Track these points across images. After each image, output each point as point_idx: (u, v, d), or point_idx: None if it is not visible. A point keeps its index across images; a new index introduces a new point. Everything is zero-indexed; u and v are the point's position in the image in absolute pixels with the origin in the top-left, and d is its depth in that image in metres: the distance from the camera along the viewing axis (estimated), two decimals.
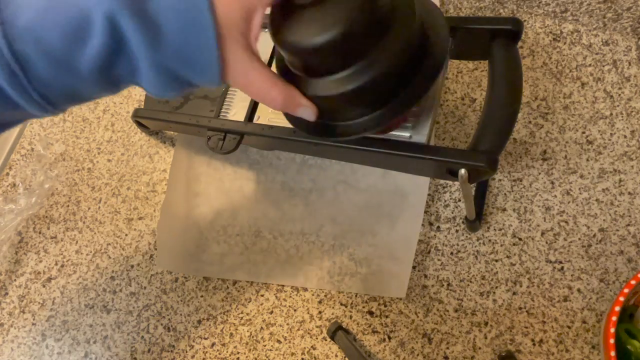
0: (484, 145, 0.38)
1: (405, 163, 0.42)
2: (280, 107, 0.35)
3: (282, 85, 0.34)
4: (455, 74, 0.57)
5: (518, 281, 0.49)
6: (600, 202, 0.50)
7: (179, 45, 0.30)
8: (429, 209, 0.53)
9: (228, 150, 0.48)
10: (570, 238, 0.49)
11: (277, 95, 0.34)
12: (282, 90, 0.34)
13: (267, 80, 0.33)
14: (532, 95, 0.54)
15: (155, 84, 0.32)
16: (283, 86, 0.34)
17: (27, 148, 0.66)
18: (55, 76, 0.30)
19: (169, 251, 0.57)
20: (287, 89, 0.34)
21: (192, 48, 0.30)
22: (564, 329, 0.46)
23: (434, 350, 0.48)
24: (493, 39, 0.42)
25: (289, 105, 0.35)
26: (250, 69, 0.32)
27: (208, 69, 0.31)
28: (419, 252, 0.51)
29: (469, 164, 0.38)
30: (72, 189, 0.63)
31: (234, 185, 0.58)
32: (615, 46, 0.55)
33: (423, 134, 0.41)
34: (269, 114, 0.48)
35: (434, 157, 0.39)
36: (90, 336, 0.55)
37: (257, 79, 0.33)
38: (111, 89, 0.33)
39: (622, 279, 0.47)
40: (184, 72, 0.31)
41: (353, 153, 0.44)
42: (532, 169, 0.52)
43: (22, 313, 0.58)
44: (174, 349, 0.53)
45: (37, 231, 0.61)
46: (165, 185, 0.60)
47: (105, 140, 0.65)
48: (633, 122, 0.52)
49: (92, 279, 0.58)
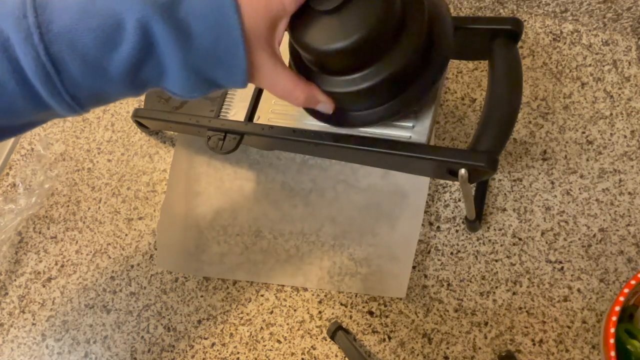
0: (484, 145, 0.38)
1: (406, 163, 0.42)
2: (302, 105, 0.38)
3: (304, 85, 0.37)
4: (455, 74, 0.57)
5: (518, 281, 0.49)
6: (600, 202, 0.50)
7: (208, 46, 0.32)
8: (429, 209, 0.53)
9: (228, 150, 0.48)
10: (570, 238, 0.49)
11: (300, 94, 0.37)
12: (304, 89, 0.37)
13: (291, 82, 0.37)
14: (532, 95, 0.54)
15: (184, 85, 0.33)
16: (304, 86, 0.37)
17: (27, 148, 0.66)
18: (87, 78, 0.31)
19: (169, 251, 0.57)
20: (308, 88, 0.38)
21: (221, 48, 0.32)
22: (564, 329, 0.46)
23: (434, 350, 0.48)
24: (493, 39, 0.42)
25: (310, 103, 0.38)
26: (275, 72, 0.35)
27: (236, 68, 0.33)
28: (419, 252, 0.51)
29: (469, 164, 0.38)
30: (72, 189, 0.63)
31: (234, 185, 0.58)
32: (615, 46, 0.55)
33: (423, 134, 0.41)
34: (268, 113, 0.48)
35: (434, 157, 0.39)
36: (90, 336, 0.55)
37: (281, 81, 0.36)
38: (137, 90, 0.34)
39: (622, 279, 0.47)
40: (213, 73, 0.33)
41: (354, 153, 0.44)
42: (532, 169, 0.52)
43: (22, 313, 0.58)
44: (174, 349, 0.53)
45: (37, 231, 0.61)
46: (165, 185, 0.60)
47: (105, 140, 0.65)
48: (633, 122, 0.52)
49: (92, 279, 0.58)
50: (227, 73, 0.34)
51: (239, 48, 0.32)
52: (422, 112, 0.42)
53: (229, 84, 0.35)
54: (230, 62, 0.33)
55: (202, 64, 0.32)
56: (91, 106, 0.34)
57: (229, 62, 0.33)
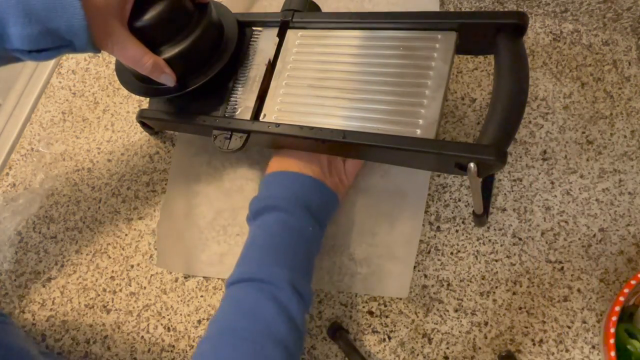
0: (492, 139, 0.38)
1: (414, 158, 0.43)
2: (149, 72, 0.45)
3: (152, 54, 0.45)
4: (455, 74, 0.57)
5: (518, 281, 0.49)
6: (600, 202, 0.50)
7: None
8: (429, 209, 0.53)
9: (235, 148, 0.48)
10: (570, 238, 0.49)
11: (148, 60, 0.44)
12: (152, 57, 0.44)
13: (140, 49, 0.44)
14: (532, 95, 0.54)
15: (29, 35, 0.38)
16: (152, 55, 0.45)
17: (27, 148, 0.66)
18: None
19: (169, 251, 0.57)
20: (155, 57, 0.45)
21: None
22: (564, 329, 0.46)
23: (434, 350, 0.48)
24: (498, 33, 0.42)
25: (156, 71, 0.45)
26: (126, 39, 0.43)
27: (74, 18, 0.38)
28: (419, 252, 0.51)
29: (478, 158, 0.38)
30: (72, 189, 0.63)
31: (234, 185, 0.58)
32: (615, 46, 0.55)
33: (431, 129, 0.41)
34: (275, 112, 0.48)
35: (443, 152, 0.39)
36: (90, 336, 0.55)
37: (131, 47, 0.43)
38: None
39: (622, 279, 0.47)
40: (53, 22, 0.38)
41: (361, 149, 0.44)
42: (532, 169, 0.52)
43: (22, 313, 0.58)
44: (174, 349, 0.53)
45: (37, 231, 0.61)
46: (165, 185, 0.60)
47: (105, 140, 0.65)
48: (633, 122, 0.52)
49: (92, 279, 0.58)
50: (67, 24, 0.38)
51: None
52: (429, 108, 0.42)
53: (75, 39, 0.39)
54: (68, 11, 0.37)
55: (41, 10, 0.37)
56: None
57: (67, 11, 0.37)
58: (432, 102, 0.42)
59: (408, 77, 0.44)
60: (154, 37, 0.46)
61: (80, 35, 0.39)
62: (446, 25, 0.44)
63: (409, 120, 0.42)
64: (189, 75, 0.49)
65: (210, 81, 0.49)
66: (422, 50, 0.45)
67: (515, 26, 0.41)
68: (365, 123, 0.44)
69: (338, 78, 0.47)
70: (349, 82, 0.46)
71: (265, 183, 0.49)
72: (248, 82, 0.50)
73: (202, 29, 0.48)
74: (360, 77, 0.46)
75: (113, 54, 0.44)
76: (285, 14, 0.51)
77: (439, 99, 0.42)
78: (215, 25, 0.50)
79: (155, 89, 0.50)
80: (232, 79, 0.51)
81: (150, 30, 0.45)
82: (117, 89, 0.68)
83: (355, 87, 0.46)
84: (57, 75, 0.71)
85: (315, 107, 0.46)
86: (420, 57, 0.44)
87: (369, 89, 0.45)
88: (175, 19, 0.46)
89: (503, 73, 0.40)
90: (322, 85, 0.47)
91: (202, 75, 0.49)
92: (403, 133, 0.42)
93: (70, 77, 0.70)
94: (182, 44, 0.47)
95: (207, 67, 0.49)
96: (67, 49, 0.41)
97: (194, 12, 0.47)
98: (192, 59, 0.48)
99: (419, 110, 0.42)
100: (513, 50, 0.41)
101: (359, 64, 0.47)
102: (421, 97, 0.43)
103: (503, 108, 0.39)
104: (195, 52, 0.48)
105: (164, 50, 0.46)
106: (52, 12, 0.38)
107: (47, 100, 0.69)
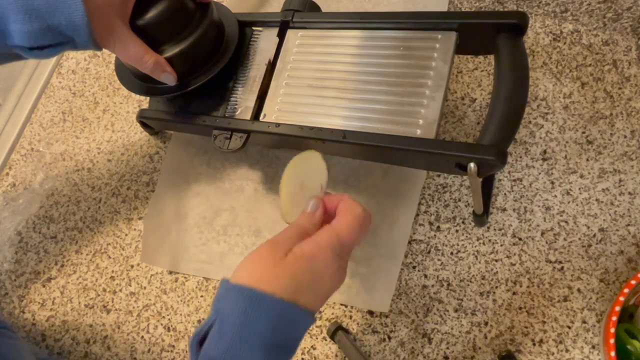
0: (493, 139, 0.38)
1: (414, 158, 0.43)
2: (150, 70, 0.45)
3: (153, 52, 0.45)
4: (455, 74, 0.57)
5: (518, 281, 0.49)
6: (600, 202, 0.50)
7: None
8: (429, 209, 0.53)
9: (235, 148, 0.48)
10: (570, 238, 0.49)
11: (150, 59, 0.44)
12: (153, 55, 0.44)
13: (142, 48, 0.44)
14: (532, 95, 0.54)
15: (29, 32, 0.38)
16: (154, 53, 0.45)
17: (27, 148, 0.66)
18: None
19: (156, 246, 0.57)
20: (157, 56, 0.45)
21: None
22: (564, 329, 0.46)
23: (434, 350, 0.48)
24: (498, 33, 0.42)
25: (157, 69, 0.45)
26: (128, 37, 0.43)
27: (75, 15, 0.38)
28: (419, 252, 0.51)
29: (478, 158, 0.38)
30: (72, 189, 0.63)
31: (234, 185, 0.58)
32: (615, 46, 0.55)
33: (431, 129, 0.41)
34: (275, 112, 0.48)
35: (443, 152, 0.39)
36: (90, 336, 0.55)
37: (133, 45, 0.43)
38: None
39: (622, 279, 0.47)
40: (54, 19, 0.38)
41: (361, 149, 0.44)
42: (532, 169, 0.52)
43: (22, 313, 0.58)
44: (174, 349, 0.53)
45: (37, 231, 0.61)
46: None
47: (105, 140, 0.65)
48: (633, 122, 0.52)
49: (92, 279, 0.58)
50: (68, 20, 0.38)
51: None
52: (429, 108, 0.42)
53: (76, 36, 0.39)
54: (69, 7, 0.37)
55: (42, 6, 0.37)
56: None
57: (68, 7, 0.37)
58: (432, 102, 0.42)
59: (408, 77, 0.44)
60: (156, 36, 0.46)
61: (81, 31, 0.39)
62: (446, 25, 0.44)
63: (409, 120, 0.42)
64: (190, 75, 0.49)
65: (211, 81, 0.49)
66: (422, 50, 0.45)
67: (515, 26, 0.41)
68: (365, 123, 0.44)
69: (338, 78, 0.47)
70: (349, 82, 0.46)
71: (219, 299, 0.35)
72: (248, 82, 0.51)
73: (204, 29, 0.47)
74: (360, 77, 0.46)
75: (114, 52, 0.44)
76: (286, 14, 0.51)
77: (438, 99, 0.42)
78: (217, 25, 0.50)
79: (155, 88, 0.50)
80: (232, 79, 0.51)
81: (152, 29, 0.45)
82: (117, 88, 0.68)
83: (355, 87, 0.46)
84: (57, 75, 0.71)
85: (315, 107, 0.46)
86: (420, 57, 0.44)
87: (368, 89, 0.45)
88: (177, 18, 0.46)
89: (503, 73, 0.40)
90: (322, 85, 0.47)
91: (202, 75, 0.49)
92: (403, 133, 0.42)
93: (70, 77, 0.70)
94: (184, 43, 0.47)
95: (208, 67, 0.49)
96: (68, 45, 0.41)
97: (195, 12, 0.47)
98: (193, 58, 0.48)
99: (419, 110, 0.42)
100: (513, 50, 0.41)
101: (359, 64, 0.47)
102: (421, 97, 0.43)
103: (503, 108, 0.39)
104: (197, 52, 0.48)
105: (165, 49, 0.46)
106: (52, 8, 0.38)
107: (47, 100, 0.69)
